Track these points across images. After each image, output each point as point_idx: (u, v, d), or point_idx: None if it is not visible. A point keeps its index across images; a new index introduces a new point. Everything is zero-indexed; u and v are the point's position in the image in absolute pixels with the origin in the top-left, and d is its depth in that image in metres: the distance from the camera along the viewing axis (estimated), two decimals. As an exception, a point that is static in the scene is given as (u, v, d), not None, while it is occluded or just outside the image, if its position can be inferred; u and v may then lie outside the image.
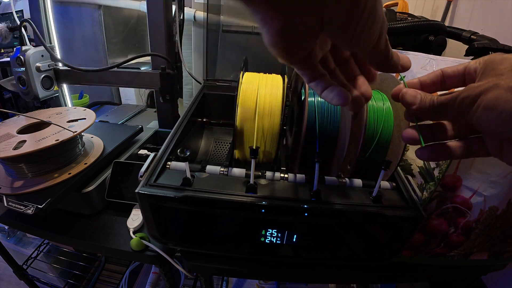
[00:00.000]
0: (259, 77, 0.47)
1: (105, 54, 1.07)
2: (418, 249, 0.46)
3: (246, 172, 0.39)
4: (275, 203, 0.35)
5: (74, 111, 0.59)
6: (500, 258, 0.48)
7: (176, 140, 0.45)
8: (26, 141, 0.46)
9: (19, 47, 0.69)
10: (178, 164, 0.40)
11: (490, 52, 0.38)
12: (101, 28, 1.03)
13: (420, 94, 0.26)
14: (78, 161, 0.52)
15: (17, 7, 1.51)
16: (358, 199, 0.37)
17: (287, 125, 0.53)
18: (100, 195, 0.53)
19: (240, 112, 0.42)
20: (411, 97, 0.26)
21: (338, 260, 0.42)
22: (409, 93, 0.27)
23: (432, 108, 0.25)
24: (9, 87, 0.76)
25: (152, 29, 0.71)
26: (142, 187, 0.35)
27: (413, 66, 0.52)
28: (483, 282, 0.82)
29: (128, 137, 0.64)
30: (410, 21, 0.62)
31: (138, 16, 1.13)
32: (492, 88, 0.21)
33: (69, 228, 0.50)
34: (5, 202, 0.44)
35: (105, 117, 0.92)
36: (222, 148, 0.66)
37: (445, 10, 1.07)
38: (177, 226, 0.39)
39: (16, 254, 0.96)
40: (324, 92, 0.23)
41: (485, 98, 0.21)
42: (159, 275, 0.91)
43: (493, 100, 0.21)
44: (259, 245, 0.39)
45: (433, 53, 0.50)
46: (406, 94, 0.27)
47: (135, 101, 1.25)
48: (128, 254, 0.46)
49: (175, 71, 0.74)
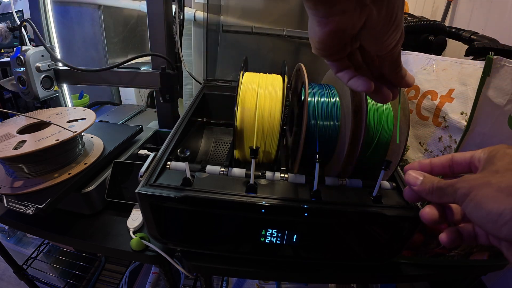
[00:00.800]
0: (259, 77, 0.47)
1: (105, 54, 1.06)
2: (418, 249, 0.46)
3: (246, 172, 0.39)
4: (275, 203, 0.35)
5: (74, 111, 0.59)
6: (500, 258, 0.48)
7: (176, 140, 0.45)
8: (26, 141, 0.46)
9: (19, 47, 0.69)
10: (178, 164, 0.40)
11: (490, 52, 0.38)
12: (101, 28, 1.03)
13: (422, 177, 0.28)
14: (78, 161, 0.52)
15: (17, 7, 1.51)
16: (358, 199, 0.37)
17: (287, 125, 0.53)
18: (100, 195, 0.53)
19: (240, 112, 0.42)
20: (413, 178, 0.28)
21: (338, 260, 0.42)
22: (413, 174, 0.29)
23: (431, 191, 0.27)
24: (9, 87, 0.76)
25: (152, 29, 0.71)
26: (142, 187, 0.35)
27: (413, 66, 0.52)
28: (483, 282, 0.82)
29: (128, 137, 0.64)
30: (410, 21, 0.62)
31: (138, 16, 1.13)
32: (483, 185, 0.22)
33: (69, 228, 0.50)
34: (5, 202, 0.44)
35: (105, 117, 0.92)
36: (222, 148, 0.66)
37: (445, 10, 1.07)
38: (177, 226, 0.39)
39: (16, 254, 0.96)
40: (350, 80, 0.27)
41: (476, 195, 0.22)
42: (159, 275, 0.91)
43: (483, 199, 0.22)
44: (259, 245, 0.39)
45: (433, 53, 0.50)
46: (409, 175, 0.29)
47: (135, 101, 1.25)
48: (128, 254, 0.46)
49: (175, 71, 0.74)
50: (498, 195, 0.21)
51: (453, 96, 0.42)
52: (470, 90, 0.40)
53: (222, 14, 0.82)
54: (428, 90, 0.47)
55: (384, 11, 0.21)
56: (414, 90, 0.49)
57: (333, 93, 0.44)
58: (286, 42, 0.84)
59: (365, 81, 0.26)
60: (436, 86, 0.46)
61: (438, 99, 0.44)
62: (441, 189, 0.26)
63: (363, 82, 0.26)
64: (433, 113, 0.45)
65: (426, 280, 0.78)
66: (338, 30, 0.21)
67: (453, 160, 0.28)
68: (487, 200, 0.21)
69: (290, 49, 0.85)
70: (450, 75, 0.44)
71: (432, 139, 0.46)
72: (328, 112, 0.42)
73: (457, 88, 0.42)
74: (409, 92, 0.51)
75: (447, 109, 0.42)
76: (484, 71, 0.36)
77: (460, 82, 0.41)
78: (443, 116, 0.43)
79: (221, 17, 0.82)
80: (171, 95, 0.74)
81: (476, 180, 0.23)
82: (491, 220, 0.21)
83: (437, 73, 0.46)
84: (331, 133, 0.42)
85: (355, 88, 0.27)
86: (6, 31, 0.81)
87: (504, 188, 0.21)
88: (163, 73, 0.72)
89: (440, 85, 0.45)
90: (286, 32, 0.79)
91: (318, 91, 0.45)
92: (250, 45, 0.84)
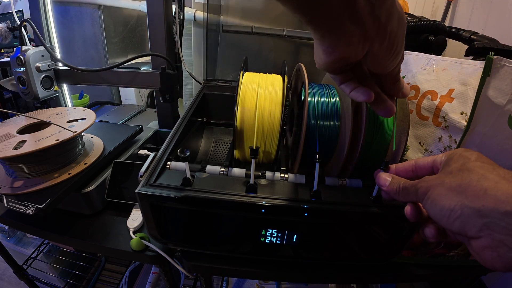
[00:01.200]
0: (259, 77, 0.47)
1: (105, 54, 1.06)
2: (418, 249, 0.46)
3: (246, 172, 0.39)
4: (275, 203, 0.35)
5: (74, 111, 0.59)
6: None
7: (176, 140, 0.45)
8: (26, 141, 0.46)
9: (19, 47, 0.69)
10: (178, 164, 0.40)
11: (490, 52, 0.38)
12: (101, 28, 1.03)
13: (390, 178, 0.31)
14: (78, 161, 0.52)
15: (17, 7, 1.52)
16: (358, 199, 0.37)
17: (287, 125, 0.53)
18: (100, 195, 0.53)
19: (240, 112, 0.42)
20: (383, 180, 0.32)
21: (338, 260, 0.42)
22: (382, 176, 0.33)
23: (397, 191, 0.30)
24: (9, 87, 0.76)
25: (152, 29, 0.71)
26: (142, 187, 0.35)
27: (413, 66, 0.52)
28: (483, 282, 0.82)
29: (128, 137, 0.64)
30: (410, 21, 0.62)
31: (138, 16, 1.13)
32: (438, 185, 0.25)
33: (69, 228, 0.50)
34: (5, 202, 0.44)
35: (105, 117, 0.92)
36: (222, 148, 0.66)
37: (445, 10, 1.07)
38: (177, 226, 0.39)
39: (16, 254, 0.96)
40: (352, 92, 0.28)
41: (431, 193, 0.25)
42: (159, 275, 0.91)
43: (437, 197, 0.25)
44: (259, 245, 0.39)
45: (433, 53, 0.50)
46: (379, 177, 0.33)
47: (135, 101, 1.25)
48: (128, 254, 0.46)
49: (175, 71, 0.74)
50: (449, 193, 0.24)
51: (453, 96, 0.42)
52: (470, 90, 0.40)
53: (222, 14, 0.82)
54: (428, 90, 0.47)
55: (386, 43, 0.23)
56: (414, 90, 0.49)
57: (333, 93, 0.44)
58: (286, 42, 0.84)
59: (365, 92, 0.27)
60: (436, 86, 0.46)
61: (438, 99, 0.44)
62: (406, 189, 0.29)
63: (363, 92, 0.27)
64: (433, 113, 0.45)
65: (426, 280, 0.78)
66: (342, 59, 0.23)
67: (416, 165, 0.32)
68: (441, 198, 0.24)
69: (290, 49, 0.85)
70: (450, 75, 0.44)
71: (432, 139, 0.46)
72: (328, 112, 0.42)
73: (457, 88, 0.42)
74: (409, 92, 0.51)
75: (447, 109, 0.42)
76: (484, 71, 0.36)
77: (460, 82, 0.41)
78: (443, 116, 0.43)
79: (221, 17, 0.82)
80: (171, 95, 0.74)
81: (433, 180, 0.26)
82: (444, 216, 0.24)
83: (437, 73, 0.46)
84: (331, 133, 0.42)
85: (356, 99, 0.28)
86: (6, 31, 0.81)
87: (455, 187, 0.24)
88: (163, 73, 0.72)
89: (440, 85, 0.45)
90: (286, 32, 0.79)
91: (318, 91, 0.45)
92: (250, 45, 0.84)
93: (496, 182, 0.22)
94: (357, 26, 0.21)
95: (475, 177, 0.23)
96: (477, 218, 0.22)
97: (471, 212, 0.22)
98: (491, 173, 0.23)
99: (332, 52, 0.23)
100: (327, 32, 0.22)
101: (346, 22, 0.20)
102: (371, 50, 0.23)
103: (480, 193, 0.22)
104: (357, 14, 0.20)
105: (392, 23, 0.22)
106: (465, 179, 0.23)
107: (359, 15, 0.20)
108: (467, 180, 0.23)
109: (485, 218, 0.21)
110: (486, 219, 0.21)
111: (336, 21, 0.20)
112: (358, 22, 0.20)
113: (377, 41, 0.22)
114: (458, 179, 0.24)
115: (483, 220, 0.21)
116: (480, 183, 0.22)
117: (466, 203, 0.22)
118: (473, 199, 0.22)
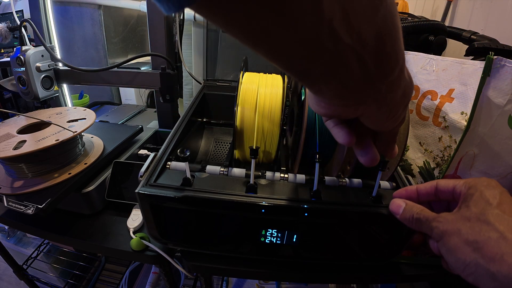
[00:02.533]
0: (259, 77, 0.47)
1: (105, 54, 1.06)
2: (418, 249, 0.46)
3: (246, 172, 0.39)
4: (275, 203, 0.35)
5: (74, 111, 0.59)
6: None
7: (176, 140, 0.45)
8: (26, 141, 0.46)
9: (19, 47, 0.69)
10: (178, 164, 0.40)
11: (490, 52, 0.38)
12: (101, 28, 1.02)
13: (404, 205, 0.30)
14: (78, 161, 0.52)
15: (17, 7, 1.52)
16: (358, 199, 0.37)
17: (287, 125, 0.53)
18: (100, 195, 0.53)
19: (240, 112, 0.42)
20: (396, 207, 0.31)
21: (338, 260, 0.42)
22: (396, 202, 0.32)
23: (410, 221, 0.29)
24: (9, 87, 0.76)
25: (152, 29, 0.71)
26: (142, 187, 0.35)
27: (413, 66, 0.52)
28: (483, 282, 0.82)
29: (128, 137, 0.64)
30: (410, 21, 0.62)
31: (138, 16, 1.13)
32: (454, 233, 0.25)
33: (69, 228, 0.50)
34: (5, 202, 0.44)
35: (105, 117, 0.92)
36: (222, 148, 0.65)
37: (445, 10, 1.07)
38: (177, 226, 0.39)
39: (16, 254, 0.96)
40: (333, 128, 0.25)
41: (447, 241, 0.25)
42: (159, 275, 0.91)
43: (453, 247, 0.25)
44: (259, 245, 0.39)
45: (433, 53, 0.50)
46: (393, 203, 0.32)
47: (135, 101, 1.25)
48: (128, 254, 0.46)
49: (175, 71, 0.74)
50: (465, 247, 0.24)
51: (453, 96, 0.42)
52: (470, 90, 0.40)
53: (222, 14, 0.82)
54: (428, 90, 0.47)
55: (385, 109, 0.20)
56: (414, 90, 0.50)
57: (333, 93, 0.44)
58: (286, 42, 0.84)
59: (346, 134, 0.24)
60: (436, 86, 0.46)
61: (438, 99, 0.44)
62: (419, 221, 0.28)
63: (344, 134, 0.24)
64: (433, 113, 0.45)
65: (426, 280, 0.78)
66: (335, 115, 0.21)
67: (438, 188, 0.30)
68: (456, 250, 0.24)
69: (290, 49, 0.85)
70: (450, 75, 0.44)
71: (432, 139, 0.46)
72: (328, 112, 0.42)
73: (457, 88, 0.42)
74: (409, 92, 0.51)
75: (447, 109, 0.42)
76: (484, 71, 0.36)
77: (460, 82, 0.41)
78: (443, 116, 0.43)
79: (221, 17, 0.82)
80: (171, 95, 0.74)
81: (449, 224, 0.25)
82: (459, 268, 0.24)
83: (437, 73, 0.46)
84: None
85: (336, 138, 0.25)
86: (6, 31, 0.81)
87: (471, 242, 0.23)
88: (163, 73, 0.72)
89: (440, 85, 0.45)
90: (286, 32, 0.79)
91: (318, 91, 0.44)
92: (250, 45, 0.83)
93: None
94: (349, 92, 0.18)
95: (494, 236, 0.22)
96: (490, 280, 0.22)
97: (484, 273, 0.22)
98: (510, 233, 0.22)
99: (325, 107, 0.21)
100: (315, 92, 0.20)
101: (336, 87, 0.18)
102: (366, 112, 0.20)
103: (497, 257, 0.22)
104: (348, 82, 0.17)
105: (394, 94, 0.19)
106: (483, 236, 0.23)
107: (351, 84, 0.17)
108: (485, 238, 0.23)
109: (497, 282, 0.22)
110: (498, 283, 0.22)
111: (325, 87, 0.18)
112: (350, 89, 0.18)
113: (375, 106, 0.20)
114: (476, 233, 0.23)
115: (495, 284, 0.22)
116: (498, 244, 0.22)
117: (481, 263, 0.22)
118: (489, 261, 0.22)
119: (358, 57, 0.16)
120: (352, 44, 0.15)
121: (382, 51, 0.16)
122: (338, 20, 0.14)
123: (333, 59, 0.15)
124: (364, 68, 0.16)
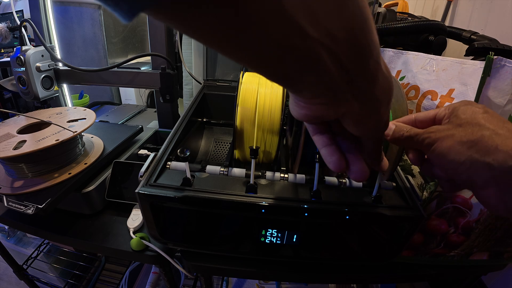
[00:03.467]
0: (259, 77, 0.47)
1: (105, 54, 1.06)
2: (418, 249, 0.46)
3: (246, 172, 0.39)
4: (275, 203, 0.35)
5: (74, 111, 0.59)
6: (500, 258, 0.48)
7: (176, 140, 0.45)
8: (26, 141, 0.46)
9: (19, 47, 0.69)
10: (178, 164, 0.40)
11: (490, 52, 0.38)
12: (101, 28, 1.02)
13: (394, 126, 0.30)
14: (78, 161, 0.52)
15: (17, 7, 1.52)
16: (358, 199, 0.37)
17: (287, 125, 0.53)
18: (100, 195, 0.53)
19: (240, 112, 0.42)
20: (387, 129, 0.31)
21: (338, 260, 0.42)
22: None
23: (401, 140, 0.29)
24: (9, 87, 0.76)
25: (152, 29, 0.71)
26: (142, 187, 0.35)
27: (413, 66, 0.52)
28: (483, 282, 0.82)
29: (128, 137, 0.64)
30: (410, 21, 0.62)
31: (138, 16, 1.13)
32: (447, 137, 0.25)
33: (69, 228, 0.50)
34: (5, 202, 0.44)
35: (105, 117, 0.92)
36: (222, 148, 0.65)
37: (445, 10, 1.07)
38: (177, 226, 0.39)
39: (16, 254, 0.96)
40: (322, 149, 0.25)
41: (439, 145, 0.25)
42: (159, 275, 0.91)
43: (446, 149, 0.25)
44: (259, 245, 0.39)
45: (433, 53, 0.50)
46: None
47: (135, 101, 1.26)
48: (128, 254, 0.46)
49: (175, 71, 0.74)
50: (459, 147, 0.24)
51: (453, 96, 0.42)
52: (470, 90, 0.40)
53: (222, 14, 0.82)
54: (428, 90, 0.47)
55: (366, 106, 0.20)
56: (414, 90, 0.49)
57: (333, 93, 0.44)
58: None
59: (337, 161, 0.24)
60: (436, 86, 0.46)
61: (438, 99, 0.44)
62: (410, 137, 0.28)
63: (335, 160, 0.24)
64: (433, 113, 0.45)
65: (426, 280, 0.78)
66: (313, 116, 0.20)
67: (417, 119, 0.31)
68: (449, 152, 0.24)
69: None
70: (450, 75, 0.44)
71: (432, 139, 0.45)
72: (328, 112, 0.42)
73: (457, 88, 0.42)
74: (409, 92, 0.51)
75: (447, 109, 0.42)
76: (484, 71, 0.36)
77: (460, 82, 0.41)
78: (443, 116, 0.43)
79: (221, 17, 0.82)
80: (171, 95, 0.74)
81: (441, 131, 0.26)
82: (452, 168, 0.25)
83: (437, 73, 0.46)
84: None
85: (326, 162, 0.25)
86: (6, 31, 0.81)
87: (465, 141, 0.24)
88: (163, 73, 0.72)
89: (440, 85, 0.45)
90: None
91: (318, 91, 0.44)
92: (250, 45, 0.83)
93: (506, 138, 0.23)
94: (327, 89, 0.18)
95: (486, 133, 0.23)
96: (486, 171, 0.23)
97: (480, 165, 0.23)
98: (501, 129, 0.23)
99: (303, 107, 0.20)
100: (294, 92, 0.19)
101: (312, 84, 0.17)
102: (347, 112, 0.20)
103: (491, 148, 0.22)
104: (323, 78, 0.17)
105: (374, 88, 0.19)
106: (476, 134, 0.24)
107: (326, 79, 0.17)
108: (478, 135, 0.23)
109: (493, 171, 0.22)
110: (494, 172, 0.22)
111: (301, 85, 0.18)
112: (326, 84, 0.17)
113: (356, 104, 0.19)
114: (469, 134, 0.24)
115: (491, 173, 0.22)
116: (491, 139, 0.23)
117: (477, 157, 0.23)
118: (484, 153, 0.23)
119: (329, 51, 0.15)
120: (321, 39, 0.15)
121: (353, 43, 0.16)
122: (301, 15, 0.13)
123: (304, 55, 0.15)
124: (337, 62, 0.16)
